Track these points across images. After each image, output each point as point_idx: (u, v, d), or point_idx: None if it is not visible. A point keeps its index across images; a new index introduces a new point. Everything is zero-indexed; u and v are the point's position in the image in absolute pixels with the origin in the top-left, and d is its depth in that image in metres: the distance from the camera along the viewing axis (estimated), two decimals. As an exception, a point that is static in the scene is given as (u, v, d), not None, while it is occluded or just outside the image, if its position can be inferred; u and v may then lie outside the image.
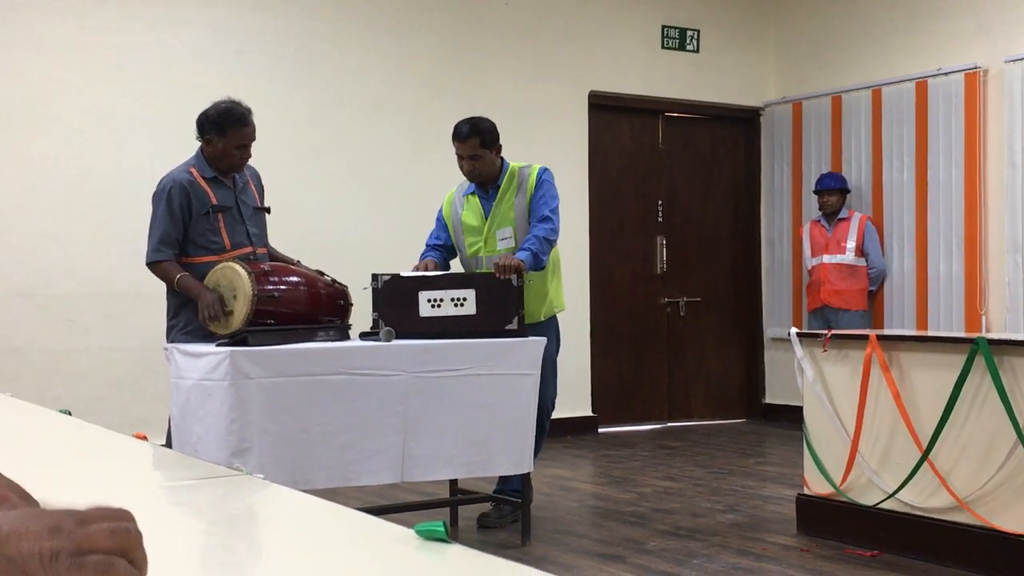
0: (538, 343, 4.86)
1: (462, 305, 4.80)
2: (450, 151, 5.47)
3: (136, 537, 0.70)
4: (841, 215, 8.39)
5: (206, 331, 4.60)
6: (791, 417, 6.30)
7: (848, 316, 8.18)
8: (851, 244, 8.29)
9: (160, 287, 4.95)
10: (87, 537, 0.67)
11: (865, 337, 4.90)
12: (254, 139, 4.89)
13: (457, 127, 5.38)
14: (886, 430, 4.77)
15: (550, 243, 5.22)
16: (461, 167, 5.40)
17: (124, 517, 0.71)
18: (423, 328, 4.76)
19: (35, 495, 0.75)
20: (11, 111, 6.61)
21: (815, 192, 8.57)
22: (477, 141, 5.30)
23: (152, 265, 4.82)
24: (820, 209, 8.50)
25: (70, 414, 1.85)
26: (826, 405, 5.02)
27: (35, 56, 6.69)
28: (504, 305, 4.83)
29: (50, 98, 6.71)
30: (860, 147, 8.72)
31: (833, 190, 8.40)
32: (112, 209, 6.73)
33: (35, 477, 0.84)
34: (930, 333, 6.30)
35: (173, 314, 4.89)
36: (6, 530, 0.64)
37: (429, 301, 4.79)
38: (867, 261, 8.32)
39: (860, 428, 4.84)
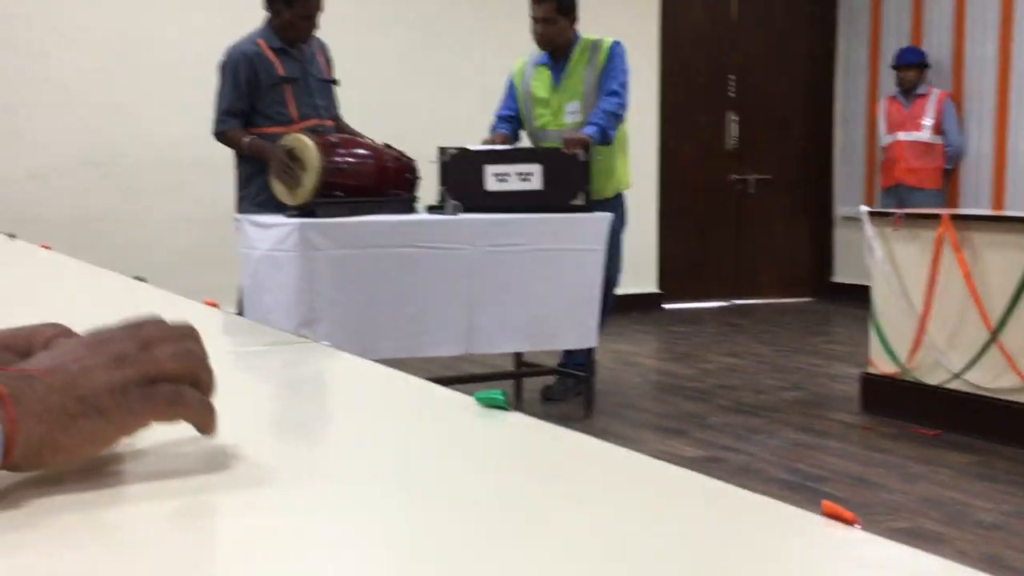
0: (603, 218, 4.85)
1: (528, 180, 4.79)
2: (522, 23, 5.38)
3: (200, 356, 0.71)
4: (919, 91, 8.16)
5: (276, 202, 4.64)
6: (859, 296, 6.25)
7: (922, 195, 8.02)
8: (928, 121, 8.08)
9: (228, 157, 4.99)
10: (152, 362, 0.67)
11: (937, 217, 4.82)
12: (321, 9, 4.85)
13: None
14: (955, 310, 4.72)
15: (618, 118, 5.16)
16: (534, 31, 5.31)
17: (187, 334, 0.72)
18: (489, 202, 4.76)
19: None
20: (81, -20, 6.62)
21: (893, 67, 8.33)
22: (554, 5, 5.20)
23: (219, 135, 4.86)
24: (898, 85, 8.27)
25: (145, 281, 1.90)
26: (895, 284, 4.97)
27: (103, -76, 6.66)
28: (570, 180, 4.81)
29: (119, -33, 6.70)
30: (941, 20, 8.43)
31: (912, 65, 8.16)
32: (180, 80, 6.76)
33: (109, 340, 0.87)
34: (1004, 213, 6.17)
35: (243, 184, 4.94)
36: (75, 369, 0.65)
37: (495, 175, 4.79)
38: (944, 139, 8.11)
39: (929, 308, 4.80)
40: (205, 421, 0.69)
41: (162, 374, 0.68)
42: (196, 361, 0.70)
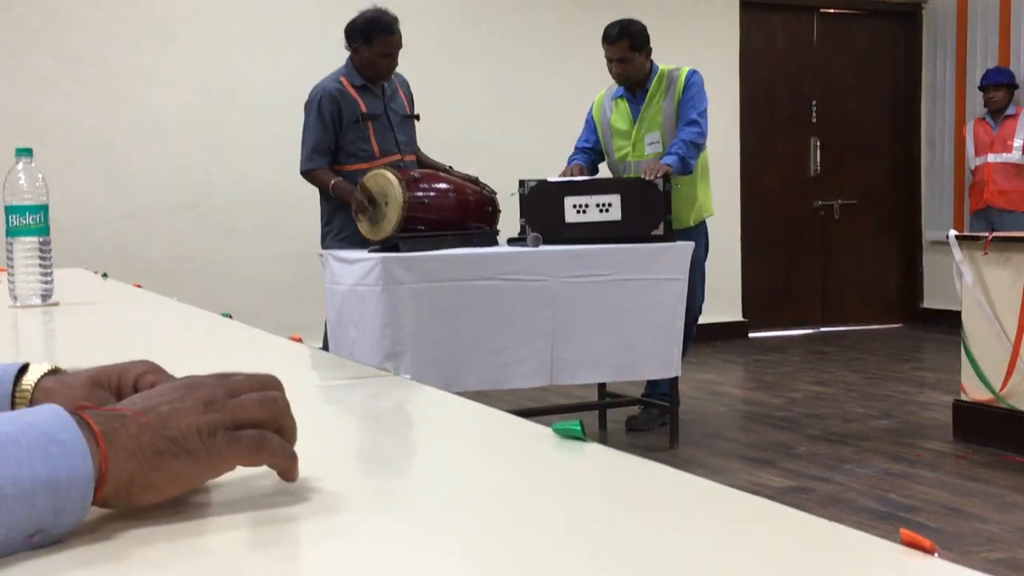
0: (686, 247, 4.83)
1: (607, 210, 4.79)
2: (599, 54, 5.41)
3: (283, 405, 0.74)
4: (1008, 112, 8.00)
5: (360, 237, 4.70)
6: (950, 322, 6.12)
7: (1013, 217, 7.84)
8: (1018, 142, 7.92)
9: (314, 195, 5.08)
10: (239, 408, 0.70)
11: (1029, 239, 4.71)
12: (400, 47, 4.92)
13: (606, 30, 5.31)
14: (1050, 335, 4.60)
15: (698, 147, 5.14)
16: (610, 70, 5.34)
17: (272, 385, 0.75)
18: (569, 233, 4.77)
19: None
20: (170, 26, 6.81)
21: (980, 88, 8.19)
22: (627, 44, 5.22)
23: (307, 173, 4.95)
24: (985, 106, 8.12)
25: (231, 317, 1.94)
26: (986, 309, 4.86)
27: (191, -30, 6.85)
28: (650, 210, 4.80)
29: (206, 11, 6.89)
30: (1030, 40, 8.27)
31: (1000, 85, 8.00)
32: (267, 119, 6.91)
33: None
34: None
35: (327, 220, 5.02)
36: (165, 410, 0.68)
37: (575, 207, 4.80)
38: (1035, 159, 7.93)
39: (1022, 333, 4.68)
40: (287, 466, 0.72)
41: (248, 420, 0.71)
42: (281, 410, 0.73)
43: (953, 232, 5.11)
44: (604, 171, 5.55)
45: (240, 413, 0.70)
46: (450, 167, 5.11)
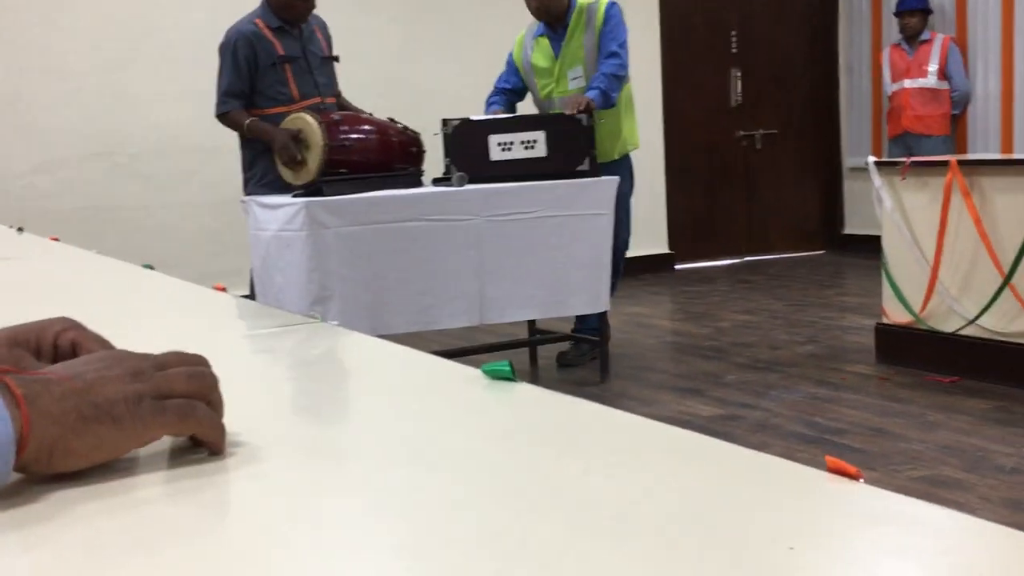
0: (610, 182, 4.84)
1: (533, 147, 4.79)
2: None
3: (212, 380, 0.73)
4: (923, 37, 8.09)
5: (282, 182, 4.65)
6: (870, 247, 6.23)
7: (930, 142, 7.97)
8: (933, 67, 8.02)
9: (233, 141, 5.00)
10: (166, 380, 0.70)
11: (945, 163, 4.79)
12: (318, -13, 4.83)
13: None
14: (967, 257, 4.71)
15: (619, 79, 5.13)
16: (529, 5, 5.30)
17: (200, 362, 0.75)
18: (495, 172, 4.76)
19: (120, 347, 0.78)
20: (76, -30, 6.61)
21: (895, 14, 8.26)
22: None
23: (221, 116, 4.86)
24: (901, 32, 8.20)
25: (153, 268, 1.91)
26: (905, 234, 4.96)
27: (95, -88, 6.64)
28: (575, 145, 4.80)
29: (113, -46, 6.69)
30: (943, -36, 8.35)
31: (914, 11, 8.08)
32: (181, 64, 6.76)
33: (120, 329, 0.88)
34: (1013, 157, 6.13)
35: (248, 166, 4.94)
36: (91, 377, 0.67)
37: (499, 144, 4.78)
38: (950, 84, 8.05)
39: (940, 256, 4.79)
40: (215, 437, 0.71)
41: (175, 392, 0.70)
42: (208, 384, 0.73)
43: (872, 158, 5.18)
44: (523, 111, 5.52)
45: (167, 385, 0.70)
46: (370, 115, 5.06)
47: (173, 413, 0.69)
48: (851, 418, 4.28)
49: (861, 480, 0.62)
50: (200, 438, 0.71)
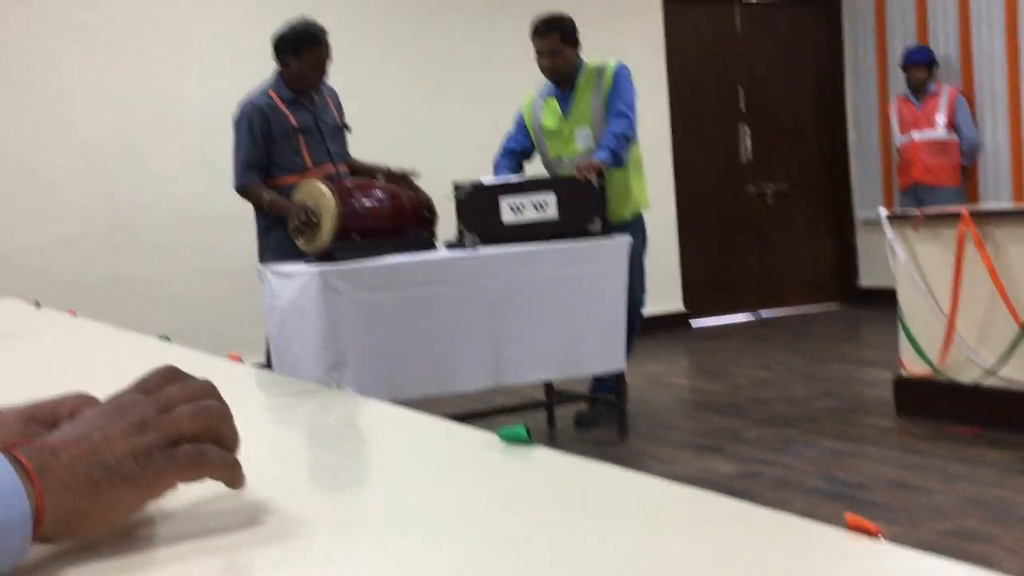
0: (623, 242, 4.85)
1: (544, 209, 4.81)
2: (526, 53, 5.42)
3: (219, 413, 0.72)
4: (929, 90, 8.14)
5: (296, 251, 4.68)
6: (886, 300, 6.22)
7: (941, 193, 7.98)
8: (941, 119, 8.06)
9: (247, 210, 5.04)
10: (172, 423, 0.68)
11: (957, 214, 4.80)
12: (329, 59, 4.90)
13: (536, 24, 5.32)
14: (983, 307, 4.69)
15: (627, 139, 5.17)
16: (540, 64, 5.35)
17: (205, 391, 0.73)
18: (507, 234, 4.78)
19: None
20: (91, 45, 6.71)
21: (901, 67, 8.32)
22: (557, 37, 5.25)
23: (240, 189, 4.91)
24: (907, 85, 8.26)
25: (169, 340, 1.92)
26: (920, 285, 4.95)
27: (109, -11, 6.76)
28: (586, 206, 4.82)
29: (128, 29, 6.80)
30: (947, 16, 8.43)
31: (920, 64, 8.14)
32: (197, 136, 6.83)
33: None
34: (1026, 205, 6.14)
35: (264, 235, 4.98)
36: (97, 437, 0.66)
37: (511, 207, 4.81)
38: (959, 135, 8.08)
39: (956, 306, 4.77)
40: (230, 476, 0.70)
41: (183, 435, 0.69)
42: (216, 418, 0.71)
43: (883, 211, 5.19)
44: (531, 172, 5.55)
45: (173, 429, 0.68)
46: (387, 167, 5.10)
47: (184, 462, 0.68)
48: (872, 472, 4.24)
49: (881, 537, 0.61)
50: (216, 479, 0.70)
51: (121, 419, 0.68)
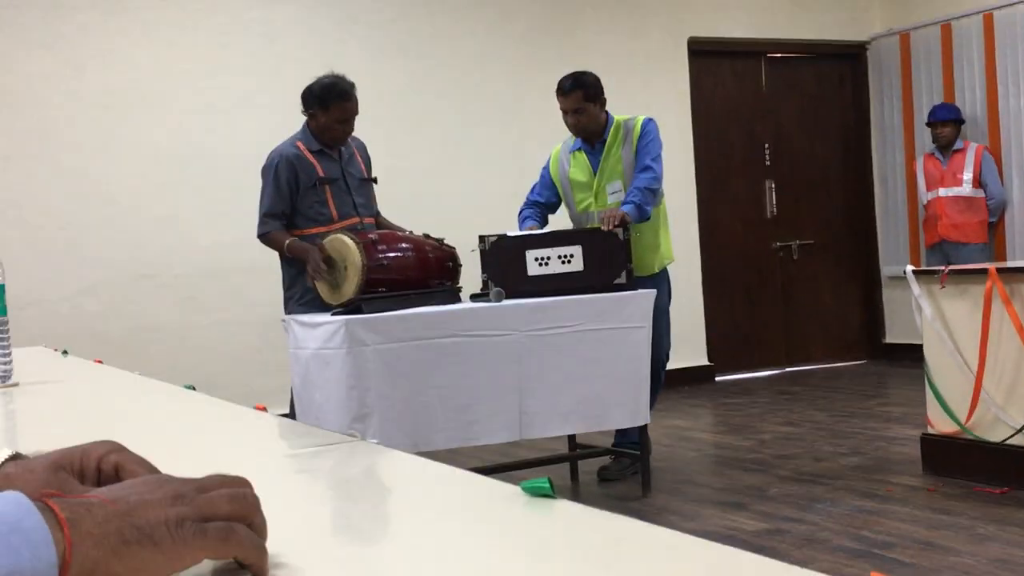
0: (648, 295, 4.85)
1: (569, 262, 4.82)
2: (550, 107, 5.46)
3: (253, 501, 0.74)
4: (956, 147, 8.14)
5: (322, 301, 4.69)
6: (913, 356, 6.18)
7: (967, 250, 7.94)
8: (968, 176, 8.04)
9: (273, 261, 5.07)
10: (208, 503, 0.70)
11: (984, 271, 4.77)
12: (356, 113, 4.94)
13: (560, 82, 5.36)
14: (1011, 365, 4.65)
15: (653, 192, 5.18)
16: (566, 122, 5.39)
17: (242, 484, 0.75)
18: (532, 287, 4.79)
19: (162, 469, 0.79)
20: (122, 98, 6.81)
21: (928, 124, 8.33)
22: (581, 95, 5.28)
23: (262, 237, 4.95)
24: (934, 142, 8.26)
25: (194, 389, 1.93)
26: (947, 342, 4.91)
27: (142, 41, 6.87)
28: (612, 259, 4.83)
29: (158, 82, 6.90)
30: (973, 75, 8.44)
31: (947, 121, 8.15)
32: (225, 187, 6.90)
33: (162, 452, 0.89)
34: (1054, 263, 6.09)
35: (289, 285, 5.01)
36: (134, 500, 0.68)
37: (536, 260, 4.82)
38: (986, 192, 8.06)
39: (983, 364, 4.73)
40: (256, 559, 0.71)
41: (217, 515, 0.70)
42: (250, 506, 0.73)
43: (910, 267, 5.17)
44: (554, 223, 5.56)
45: (209, 507, 0.70)
46: (410, 232, 5.12)
47: (214, 536, 0.69)
48: (899, 531, 4.19)
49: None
50: (242, 560, 0.71)
51: (160, 489, 0.70)
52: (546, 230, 5.25)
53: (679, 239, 6.36)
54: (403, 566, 0.76)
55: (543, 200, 5.57)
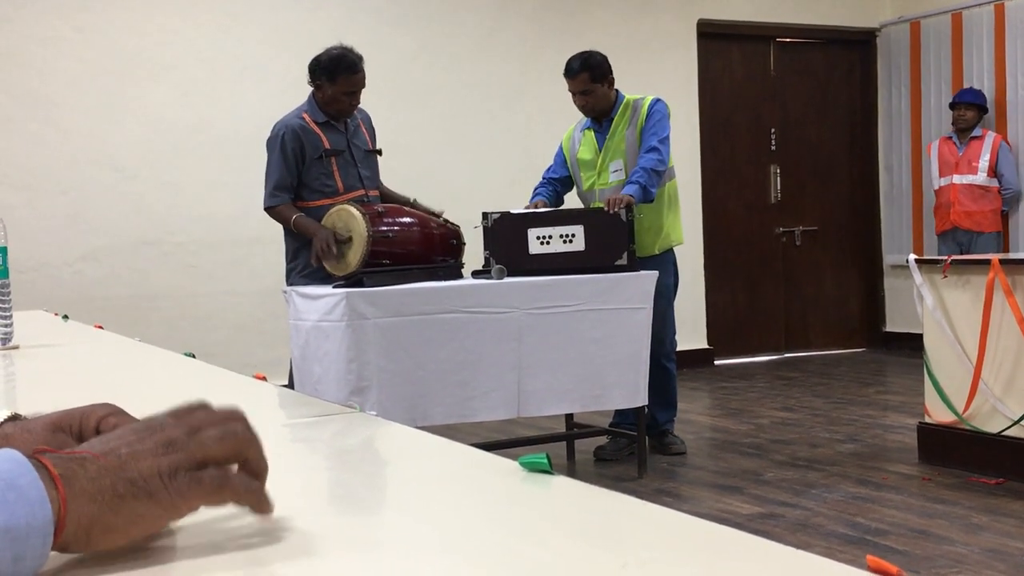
0: (649, 277, 4.85)
1: (571, 241, 4.81)
2: (557, 87, 5.45)
3: (245, 436, 0.72)
4: (975, 133, 8.06)
5: (324, 273, 4.69)
6: (912, 345, 6.19)
7: (982, 239, 7.90)
8: (984, 164, 7.97)
9: (278, 231, 5.06)
10: (200, 446, 0.69)
11: (987, 262, 4.76)
12: (363, 86, 4.93)
13: (568, 63, 5.34)
14: (1010, 356, 4.65)
15: (658, 174, 5.16)
16: (575, 102, 5.38)
17: (233, 417, 0.74)
18: (534, 265, 4.78)
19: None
20: (128, 64, 6.79)
21: (951, 106, 8.19)
22: (587, 76, 5.26)
23: (269, 209, 4.94)
24: (954, 123, 8.13)
25: (194, 357, 1.93)
26: (947, 332, 4.91)
27: (150, 9, 6.84)
28: (613, 240, 4.82)
29: (165, 49, 6.87)
30: (983, 66, 8.40)
31: (971, 104, 8.03)
32: (229, 156, 6.89)
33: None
34: (1057, 256, 6.09)
35: (292, 257, 5.00)
36: (125, 453, 0.67)
37: (538, 238, 4.82)
38: (1001, 182, 8.00)
39: (983, 355, 4.73)
40: (255, 503, 0.71)
41: (210, 458, 0.70)
42: (243, 442, 0.72)
43: (912, 256, 5.17)
44: (570, 202, 5.57)
45: (201, 452, 0.69)
46: (414, 199, 5.12)
47: (208, 485, 0.69)
48: (893, 519, 4.20)
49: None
50: (239, 505, 0.71)
51: (150, 437, 0.69)
52: (548, 209, 5.25)
53: (683, 222, 6.34)
54: (401, 535, 0.76)
55: (557, 177, 5.57)
